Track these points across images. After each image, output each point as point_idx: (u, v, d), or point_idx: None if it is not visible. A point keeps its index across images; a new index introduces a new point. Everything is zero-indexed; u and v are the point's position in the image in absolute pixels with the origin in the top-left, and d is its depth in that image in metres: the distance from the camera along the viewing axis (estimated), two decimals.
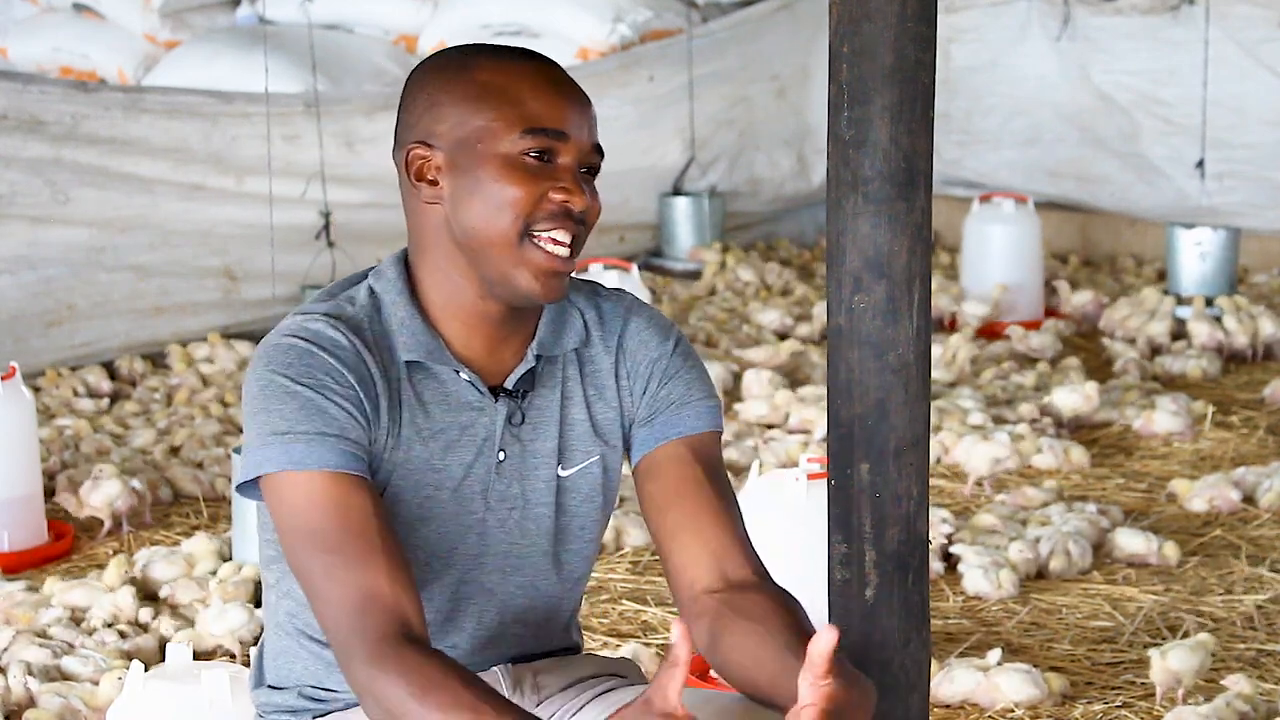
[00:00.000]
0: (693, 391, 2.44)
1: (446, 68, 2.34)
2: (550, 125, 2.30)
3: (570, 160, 2.32)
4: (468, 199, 2.30)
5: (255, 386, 2.27)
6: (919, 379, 2.82)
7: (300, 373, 2.25)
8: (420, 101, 2.35)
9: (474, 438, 2.36)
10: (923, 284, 2.81)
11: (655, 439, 2.42)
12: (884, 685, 2.86)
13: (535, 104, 2.30)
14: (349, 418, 2.26)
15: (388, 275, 2.37)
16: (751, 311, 7.24)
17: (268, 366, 2.27)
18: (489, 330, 2.37)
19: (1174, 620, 4.37)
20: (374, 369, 2.30)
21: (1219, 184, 7.92)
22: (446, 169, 2.32)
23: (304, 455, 2.23)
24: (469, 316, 2.36)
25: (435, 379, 2.35)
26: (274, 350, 2.28)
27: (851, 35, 2.77)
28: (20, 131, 6.43)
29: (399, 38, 8.55)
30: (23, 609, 4.35)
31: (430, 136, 2.33)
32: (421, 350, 2.33)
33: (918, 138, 2.78)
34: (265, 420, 2.25)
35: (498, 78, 2.32)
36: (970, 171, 8.70)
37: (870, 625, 2.84)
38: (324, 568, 2.22)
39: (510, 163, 2.29)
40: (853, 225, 2.80)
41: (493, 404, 2.36)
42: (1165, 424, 5.77)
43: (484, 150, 2.30)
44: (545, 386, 2.41)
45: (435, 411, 2.34)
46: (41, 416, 5.74)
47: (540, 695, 2.45)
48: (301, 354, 2.26)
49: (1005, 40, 8.62)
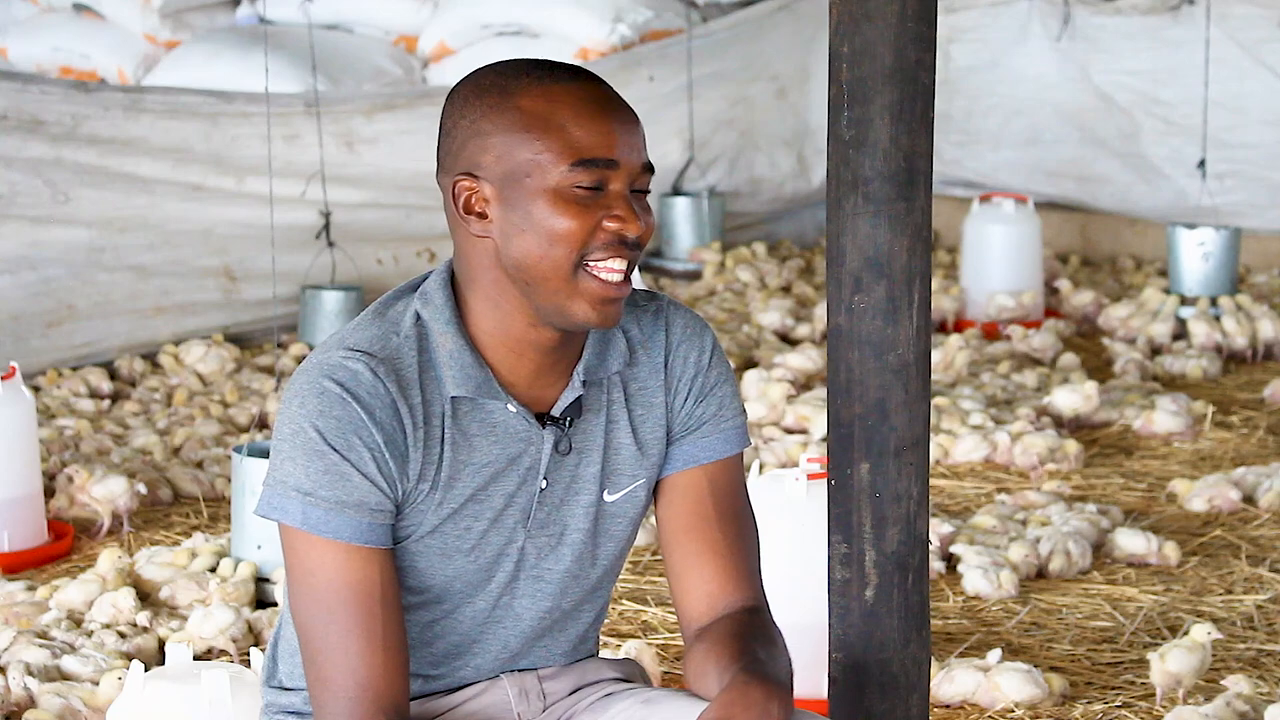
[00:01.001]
0: (723, 411, 2.43)
1: (489, 92, 2.28)
2: (600, 155, 2.25)
3: (621, 186, 2.27)
4: (518, 233, 2.26)
5: (288, 429, 2.26)
6: (919, 379, 2.82)
7: (331, 429, 2.23)
8: (463, 128, 2.29)
9: (519, 467, 2.34)
10: (923, 284, 2.81)
11: (681, 462, 2.42)
12: (884, 685, 2.86)
13: (582, 133, 2.25)
14: (371, 487, 2.25)
15: (435, 301, 2.32)
16: (752, 312, 7.24)
17: (303, 409, 2.25)
18: (537, 357, 2.33)
19: (1174, 620, 4.37)
20: (407, 419, 2.27)
21: (1219, 184, 7.92)
22: (495, 201, 2.27)
23: (320, 521, 2.24)
24: (517, 344, 2.32)
25: (482, 410, 2.32)
26: (310, 391, 2.25)
27: (851, 35, 2.77)
28: (20, 131, 6.43)
29: (399, 38, 8.55)
30: (23, 609, 4.35)
31: (477, 168, 2.28)
32: (470, 385, 2.30)
33: (918, 138, 2.78)
34: (291, 471, 2.25)
35: (542, 105, 2.26)
36: (970, 171, 8.70)
37: (870, 625, 2.84)
38: (323, 632, 2.24)
39: (561, 196, 2.25)
40: (853, 225, 2.79)
41: (540, 433, 2.34)
42: (1165, 424, 5.77)
43: (533, 184, 2.25)
44: (590, 411, 2.38)
45: (480, 444, 2.32)
46: (41, 416, 5.74)
47: (546, 701, 2.44)
48: (335, 403, 2.24)
49: (1005, 40, 8.62)
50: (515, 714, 2.42)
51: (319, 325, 6.76)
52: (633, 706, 2.41)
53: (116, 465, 5.36)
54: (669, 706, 2.37)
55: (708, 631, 2.38)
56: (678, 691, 2.42)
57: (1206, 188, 7.63)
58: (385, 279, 7.16)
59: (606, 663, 2.51)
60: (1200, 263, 7.12)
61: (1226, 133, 7.94)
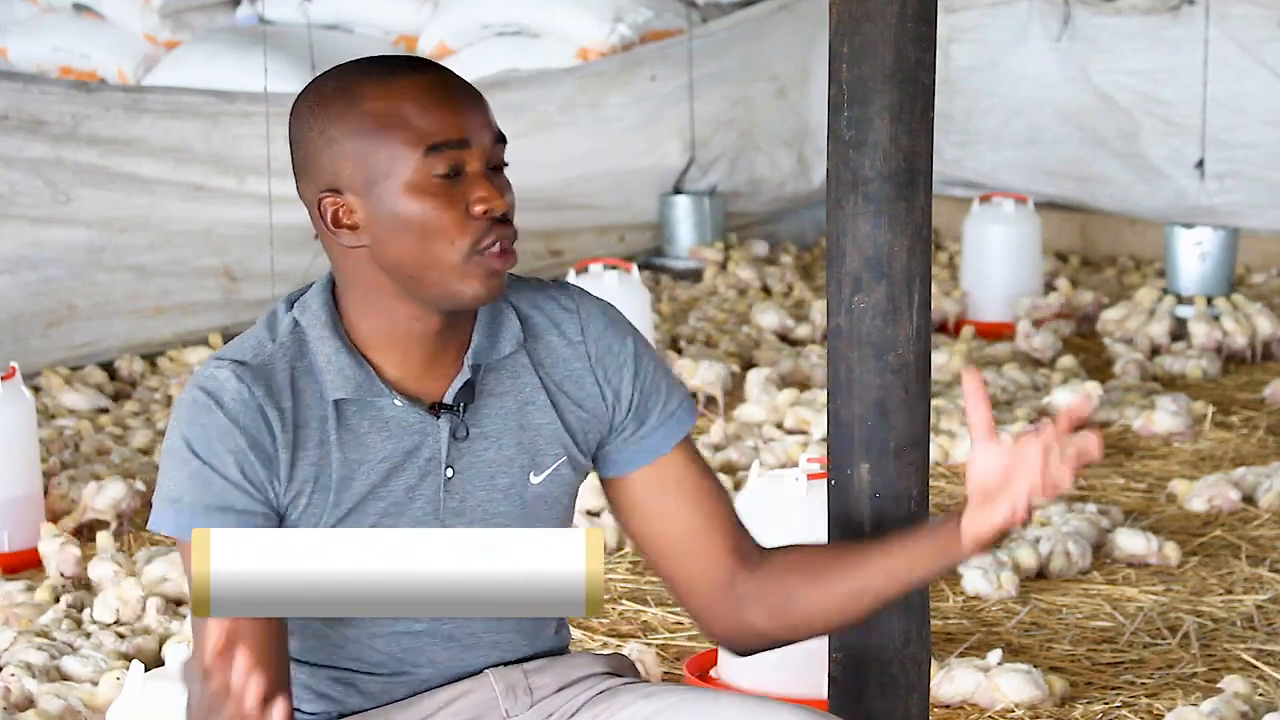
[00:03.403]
0: (668, 396, 2.46)
1: (332, 100, 2.29)
2: (450, 137, 2.27)
3: (478, 165, 2.28)
4: (392, 235, 2.28)
5: (167, 442, 2.33)
6: (919, 379, 2.82)
7: (197, 437, 2.28)
8: (314, 139, 2.31)
9: (419, 459, 2.34)
10: (923, 284, 2.81)
11: (646, 455, 2.45)
12: (884, 685, 2.86)
13: (427, 121, 2.27)
14: (235, 490, 2.27)
15: (312, 308, 2.36)
16: (752, 312, 7.24)
17: (176, 422, 2.31)
18: (423, 349, 2.35)
19: (1174, 620, 4.37)
20: (276, 423, 2.29)
21: (1219, 184, 7.93)
22: (362, 210, 2.29)
23: (190, 526, 2.26)
24: (401, 339, 2.34)
25: (371, 408, 2.33)
26: (184, 404, 2.31)
27: (851, 35, 2.77)
28: (21, 132, 6.44)
29: (399, 38, 8.55)
30: (23, 609, 4.36)
31: (337, 181, 2.29)
32: (350, 386, 2.32)
33: (918, 138, 2.79)
34: (164, 483, 2.31)
35: (384, 103, 2.27)
36: (970, 171, 8.70)
37: (870, 625, 2.84)
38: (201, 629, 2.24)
39: (421, 188, 2.27)
40: (853, 225, 2.80)
41: (434, 422, 2.35)
42: (1165, 424, 5.77)
43: (393, 183, 2.27)
44: (494, 395, 2.38)
45: (373, 441, 2.33)
46: (41, 416, 5.74)
47: (534, 697, 2.44)
48: (201, 412, 2.29)
49: (1005, 40, 8.62)
50: (503, 710, 2.42)
51: None
52: (636, 701, 2.41)
53: (116, 465, 5.36)
54: (680, 700, 2.37)
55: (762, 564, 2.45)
56: (678, 685, 2.42)
57: (1205, 188, 7.63)
58: None
59: (594, 657, 2.51)
60: (1197, 263, 7.12)
61: (1226, 133, 7.94)
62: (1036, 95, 8.55)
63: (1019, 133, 8.62)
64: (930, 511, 2.92)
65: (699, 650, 4.12)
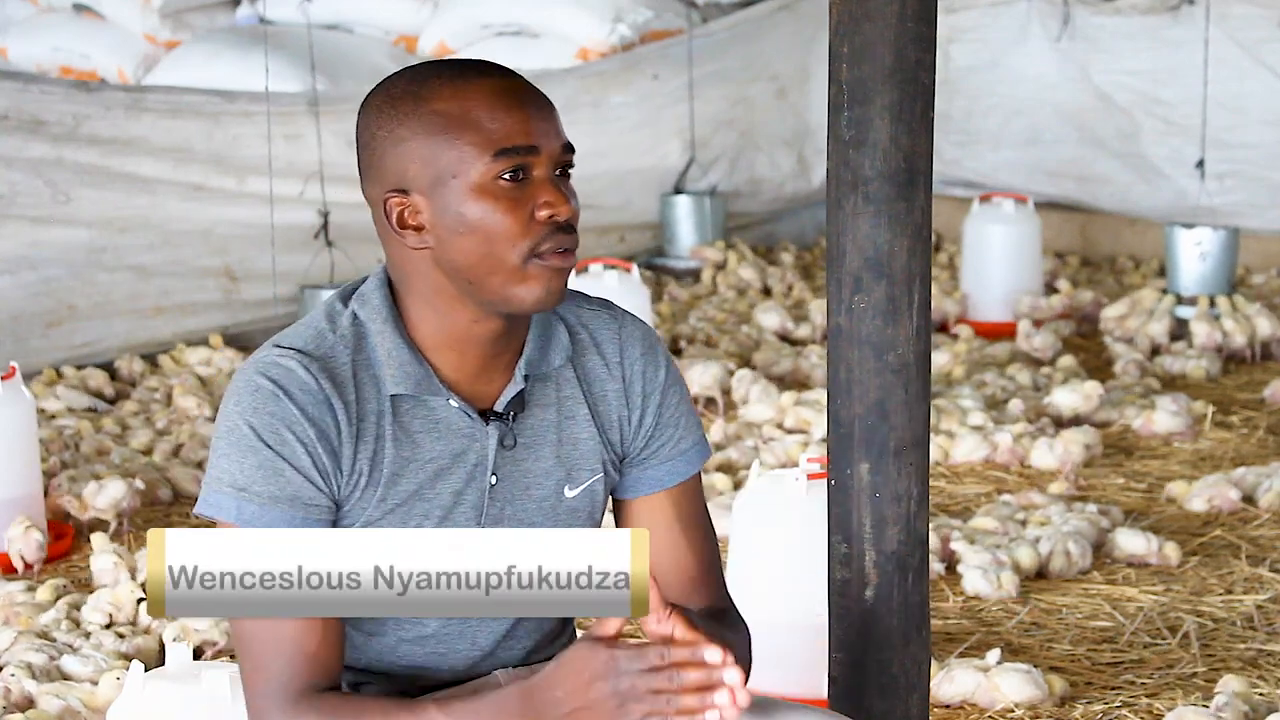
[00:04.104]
0: (682, 434, 2.46)
1: (402, 101, 2.30)
2: (519, 142, 2.27)
3: (544, 171, 2.29)
4: (456, 236, 2.28)
5: (224, 426, 2.29)
6: (919, 379, 2.83)
7: (264, 425, 2.26)
8: (381, 139, 2.31)
9: (466, 464, 2.35)
10: (923, 284, 2.81)
11: (647, 486, 2.45)
12: (884, 685, 2.86)
13: (497, 124, 2.27)
14: (304, 481, 2.27)
15: (372, 302, 2.35)
16: (752, 312, 7.24)
17: (238, 407, 2.28)
18: (479, 353, 2.35)
19: (1174, 620, 4.37)
20: (342, 415, 2.29)
21: (1219, 184, 7.93)
22: (428, 211, 2.29)
23: (255, 516, 2.25)
24: (459, 342, 2.34)
25: (424, 407, 2.34)
26: (245, 390, 2.28)
27: (851, 35, 2.78)
28: (22, 131, 6.44)
29: (399, 38, 8.55)
30: (23, 609, 4.35)
31: (404, 181, 2.30)
32: (410, 383, 2.32)
33: (918, 138, 2.79)
34: (226, 468, 2.28)
35: (455, 104, 2.28)
36: (970, 171, 8.70)
37: (870, 625, 2.84)
38: (253, 625, 2.25)
39: (488, 191, 2.27)
40: (853, 225, 2.80)
41: (483, 428, 2.35)
42: (1165, 424, 5.77)
43: (460, 184, 2.27)
44: (539, 405, 2.39)
45: (424, 441, 2.33)
46: (41, 416, 5.74)
47: None
48: (268, 399, 2.27)
49: (1005, 40, 8.62)
50: None
51: None
52: None
53: (116, 465, 5.36)
54: None
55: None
56: None
57: (1205, 188, 7.63)
58: None
59: None
60: (1197, 263, 7.12)
61: (1226, 133, 7.94)
62: (1036, 95, 8.55)
63: (1019, 133, 8.62)
64: (930, 511, 2.92)
65: None
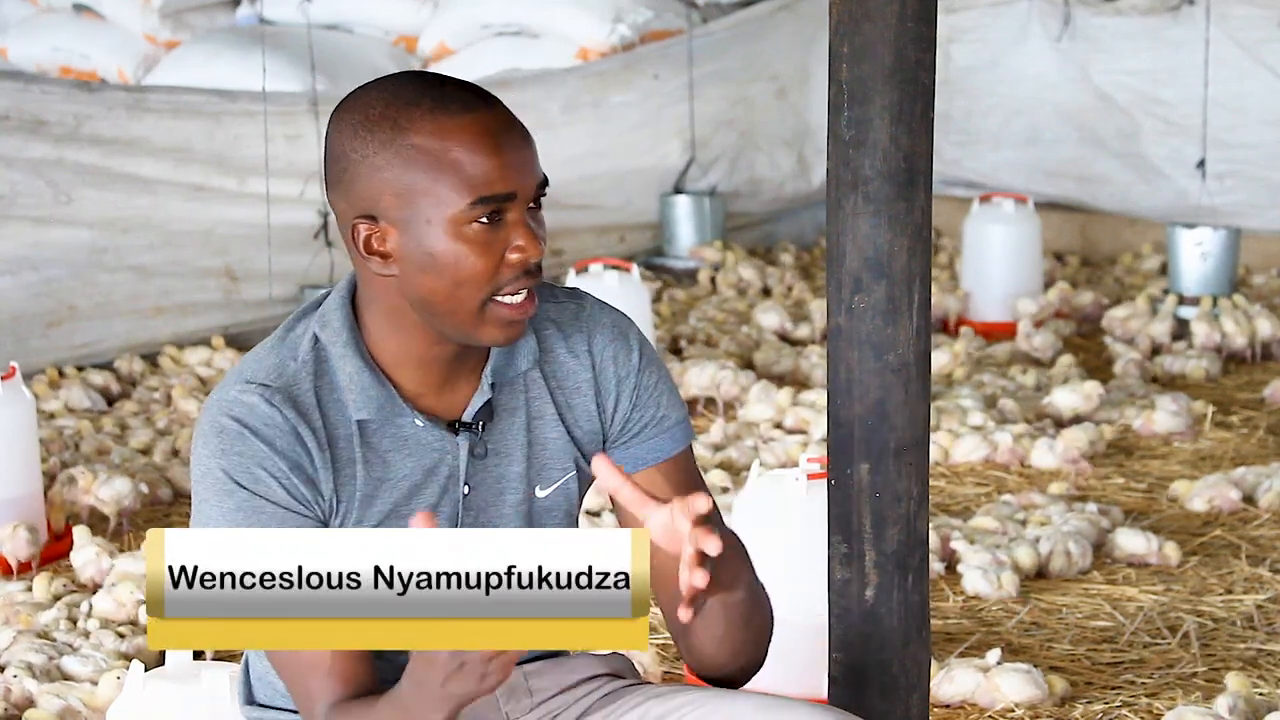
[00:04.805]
0: (663, 413, 2.43)
1: (379, 126, 2.25)
2: (498, 190, 2.23)
3: (519, 214, 2.26)
4: (421, 273, 2.26)
5: (198, 471, 2.29)
6: (919, 379, 2.83)
7: (235, 466, 2.26)
8: (355, 162, 2.27)
9: (438, 478, 2.34)
10: (923, 284, 2.81)
11: (630, 465, 2.42)
12: (884, 685, 2.86)
13: (477, 168, 2.23)
14: (286, 513, 2.27)
15: (333, 324, 2.34)
16: (752, 312, 7.24)
17: (206, 449, 2.27)
18: (442, 369, 2.34)
19: (1174, 620, 4.37)
20: (312, 443, 2.28)
21: (1219, 184, 7.93)
22: (396, 241, 2.26)
23: None
24: (421, 360, 2.33)
25: (392, 426, 2.33)
26: (211, 432, 2.28)
27: (851, 35, 2.78)
28: (22, 132, 6.44)
29: (399, 38, 8.55)
30: (23, 609, 4.36)
31: (375, 209, 2.26)
32: (373, 406, 2.31)
33: (918, 138, 2.79)
34: (209, 513, 2.28)
35: (434, 141, 2.23)
36: (970, 171, 8.70)
37: (870, 625, 2.84)
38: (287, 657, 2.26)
39: (462, 235, 2.24)
40: (853, 225, 2.80)
41: (453, 440, 2.35)
42: (1165, 424, 5.77)
43: (433, 224, 2.24)
44: (507, 411, 2.38)
45: (394, 459, 2.33)
46: (41, 416, 5.74)
47: (534, 699, 2.43)
48: (235, 440, 2.26)
49: (1005, 40, 8.61)
50: (504, 714, 2.42)
51: None
52: (647, 702, 2.40)
53: (116, 465, 5.37)
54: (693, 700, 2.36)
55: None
56: (689, 686, 2.41)
57: (1206, 188, 7.63)
58: None
59: (593, 658, 2.50)
60: (1199, 263, 7.12)
61: (1226, 133, 7.94)
62: (1036, 95, 8.55)
63: (1019, 133, 8.62)
64: (930, 511, 2.92)
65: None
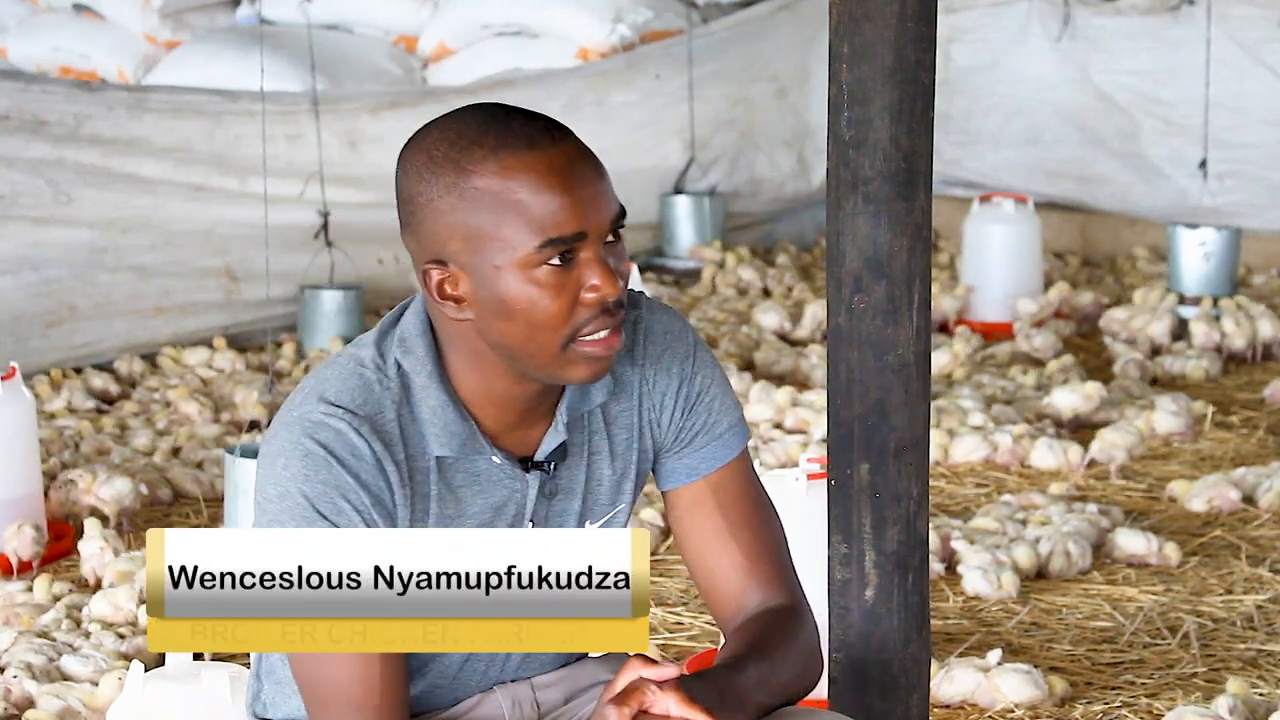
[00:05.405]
0: (715, 417, 2.38)
1: (443, 169, 2.19)
2: (567, 231, 2.15)
3: (593, 252, 2.17)
4: (496, 319, 2.19)
5: (274, 490, 2.22)
6: (919, 379, 2.83)
7: (318, 495, 2.19)
8: (422, 207, 2.20)
9: (506, 515, 2.31)
10: (923, 284, 2.82)
11: (684, 475, 2.38)
12: (884, 685, 2.86)
13: (546, 209, 2.15)
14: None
15: (416, 352, 2.27)
16: (752, 312, 7.24)
17: (287, 471, 2.21)
18: (521, 406, 2.29)
19: (1174, 620, 4.37)
20: (394, 477, 2.23)
21: (1219, 184, 7.93)
22: (468, 287, 2.20)
23: None
24: (501, 399, 2.27)
25: (467, 462, 2.28)
26: (294, 452, 2.21)
27: (851, 35, 2.78)
28: (23, 132, 6.44)
29: (399, 38, 8.55)
30: (23, 609, 4.36)
31: (444, 254, 2.19)
32: (455, 443, 2.26)
33: (918, 138, 2.79)
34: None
35: (498, 182, 2.16)
36: (970, 171, 8.70)
37: (870, 625, 2.84)
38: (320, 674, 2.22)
39: (533, 279, 2.16)
40: (853, 225, 2.80)
41: (523, 478, 2.31)
42: (1165, 424, 5.77)
43: (503, 270, 2.17)
44: (573, 448, 2.34)
45: (466, 496, 2.29)
46: (41, 416, 5.74)
47: (540, 711, 2.42)
48: (320, 466, 2.19)
49: (1005, 40, 8.62)
50: None
51: (318, 325, 6.78)
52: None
53: (116, 465, 5.37)
54: None
55: (735, 631, 2.36)
56: None
57: (1207, 188, 7.63)
58: (385, 279, 7.16)
59: (599, 664, 2.49)
60: (1201, 263, 7.12)
61: (1227, 133, 7.94)
62: (1036, 95, 8.55)
63: (1019, 133, 8.62)
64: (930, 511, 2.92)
65: (700, 650, 4.12)
